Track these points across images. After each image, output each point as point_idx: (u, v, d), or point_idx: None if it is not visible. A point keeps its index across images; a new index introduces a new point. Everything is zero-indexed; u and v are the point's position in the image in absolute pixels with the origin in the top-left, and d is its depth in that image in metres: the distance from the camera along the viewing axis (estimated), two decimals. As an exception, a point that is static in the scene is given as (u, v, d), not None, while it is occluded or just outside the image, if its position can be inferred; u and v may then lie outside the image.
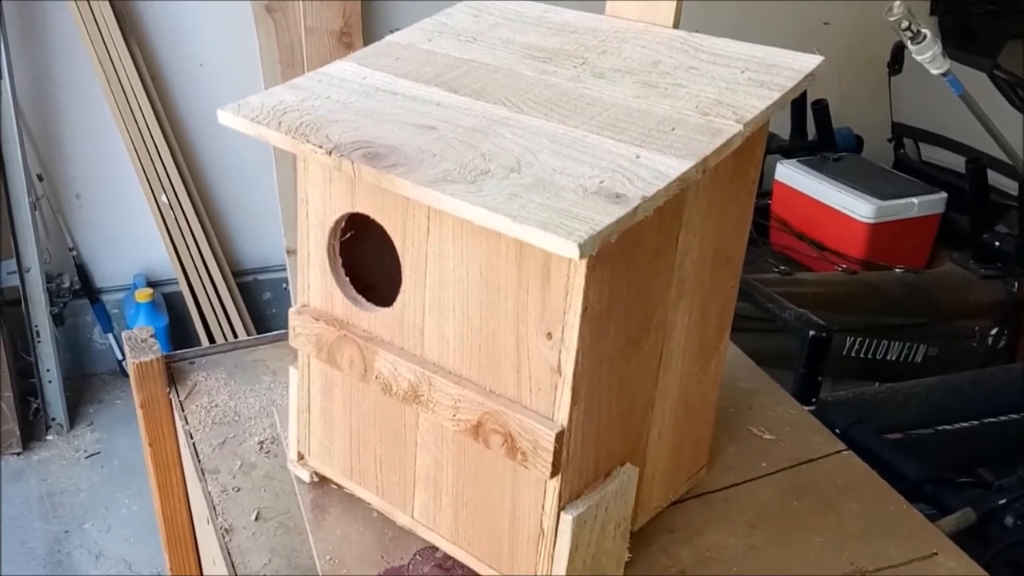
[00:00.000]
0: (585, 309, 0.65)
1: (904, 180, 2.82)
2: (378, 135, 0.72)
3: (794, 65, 0.77)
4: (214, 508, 0.90)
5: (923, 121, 3.12)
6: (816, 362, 1.74)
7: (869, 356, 2.34)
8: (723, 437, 1.00)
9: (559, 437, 0.68)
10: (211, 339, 2.65)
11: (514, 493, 0.74)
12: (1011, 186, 2.60)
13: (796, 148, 2.96)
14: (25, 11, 2.37)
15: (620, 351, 0.72)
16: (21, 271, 2.38)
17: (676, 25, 0.82)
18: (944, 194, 2.70)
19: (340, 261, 0.81)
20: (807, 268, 2.64)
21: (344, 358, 0.81)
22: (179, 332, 2.69)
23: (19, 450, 2.43)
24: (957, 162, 2.82)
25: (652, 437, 0.83)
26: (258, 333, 2.77)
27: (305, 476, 0.91)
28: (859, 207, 2.60)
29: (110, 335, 2.71)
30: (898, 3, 1.51)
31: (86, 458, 2.45)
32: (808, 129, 3.02)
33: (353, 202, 0.77)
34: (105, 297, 2.71)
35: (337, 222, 0.79)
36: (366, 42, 2.56)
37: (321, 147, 0.70)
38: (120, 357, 2.72)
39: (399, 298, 0.77)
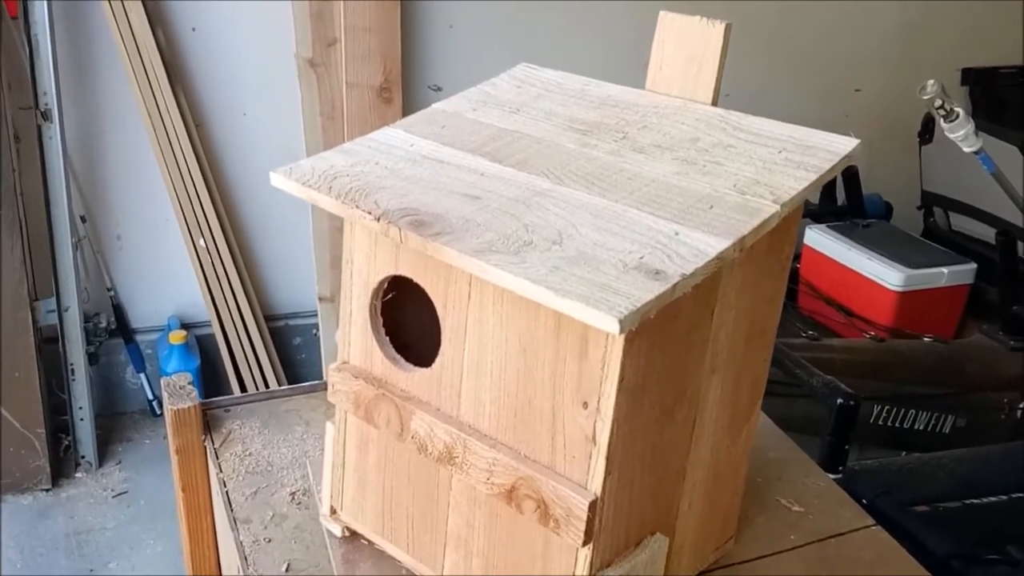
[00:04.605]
0: (622, 380, 0.67)
1: (934, 249, 2.82)
2: (425, 203, 0.74)
3: (830, 147, 0.79)
4: (245, 558, 0.91)
5: (953, 191, 3.12)
6: (844, 430, 1.73)
7: (896, 425, 2.32)
8: (752, 508, 1.00)
9: (592, 506, 0.69)
10: (241, 382, 2.68)
11: (545, 559, 0.75)
12: (1042, 259, 2.60)
13: (826, 213, 2.97)
14: (78, 61, 2.46)
15: (654, 422, 0.74)
16: (60, 310, 2.43)
17: (715, 102, 0.84)
18: (974, 264, 2.70)
19: (381, 321, 0.83)
20: (835, 333, 2.63)
21: (381, 416, 0.83)
22: (210, 374, 2.73)
23: (48, 486, 2.45)
24: (987, 232, 2.81)
25: (682, 507, 0.83)
26: (287, 377, 2.79)
27: (337, 531, 0.93)
28: (888, 275, 2.60)
29: (142, 375, 2.75)
30: (932, 82, 1.54)
31: (113, 497, 2.47)
32: (838, 194, 3.03)
33: (397, 265, 0.79)
34: (139, 337, 2.75)
35: (380, 283, 0.82)
36: (405, 98, 2.62)
37: (370, 213, 0.73)
38: (151, 397, 2.76)
39: (438, 360, 0.79)
